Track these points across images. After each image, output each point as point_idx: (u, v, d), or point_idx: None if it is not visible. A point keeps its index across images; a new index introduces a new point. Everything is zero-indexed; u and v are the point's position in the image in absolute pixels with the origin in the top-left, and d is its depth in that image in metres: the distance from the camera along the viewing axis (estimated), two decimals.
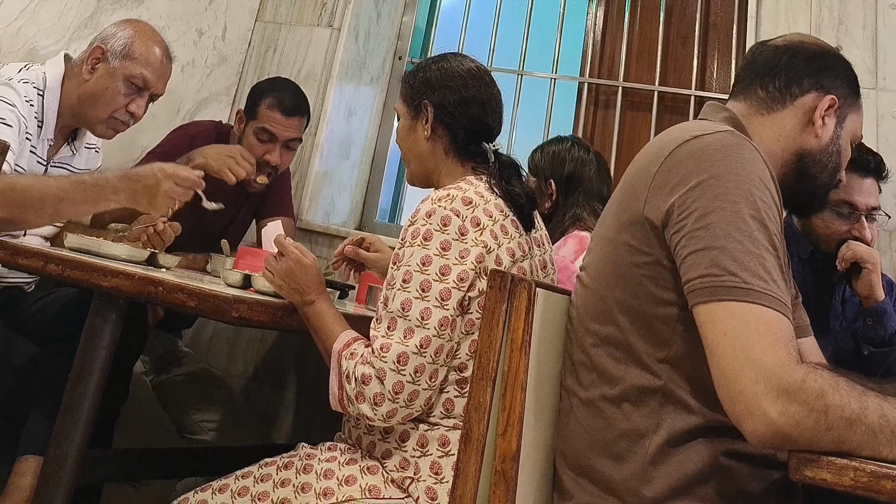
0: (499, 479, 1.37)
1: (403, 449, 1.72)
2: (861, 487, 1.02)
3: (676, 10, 3.61)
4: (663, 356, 1.36)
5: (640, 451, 1.34)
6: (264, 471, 1.76)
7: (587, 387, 1.44)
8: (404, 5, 3.97)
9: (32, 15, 2.75)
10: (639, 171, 1.43)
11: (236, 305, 1.71)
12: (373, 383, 1.63)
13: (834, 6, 3.07)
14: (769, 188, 1.31)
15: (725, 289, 1.21)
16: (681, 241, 1.29)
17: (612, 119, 3.52)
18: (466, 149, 1.93)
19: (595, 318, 1.45)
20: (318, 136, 3.53)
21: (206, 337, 3.47)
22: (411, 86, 1.99)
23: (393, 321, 1.67)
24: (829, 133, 1.56)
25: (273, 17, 3.81)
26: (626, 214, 1.41)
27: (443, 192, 1.79)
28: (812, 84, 1.56)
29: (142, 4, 3.14)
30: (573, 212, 2.53)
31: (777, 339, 1.16)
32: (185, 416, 2.82)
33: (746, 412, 1.13)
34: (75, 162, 2.43)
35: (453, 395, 1.73)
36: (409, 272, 1.69)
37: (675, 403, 1.35)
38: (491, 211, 1.77)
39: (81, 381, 1.79)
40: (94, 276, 1.79)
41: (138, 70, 2.31)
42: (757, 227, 1.25)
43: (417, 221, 1.74)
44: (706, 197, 1.28)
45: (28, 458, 1.93)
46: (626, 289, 1.39)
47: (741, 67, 1.68)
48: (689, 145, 1.37)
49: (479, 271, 1.70)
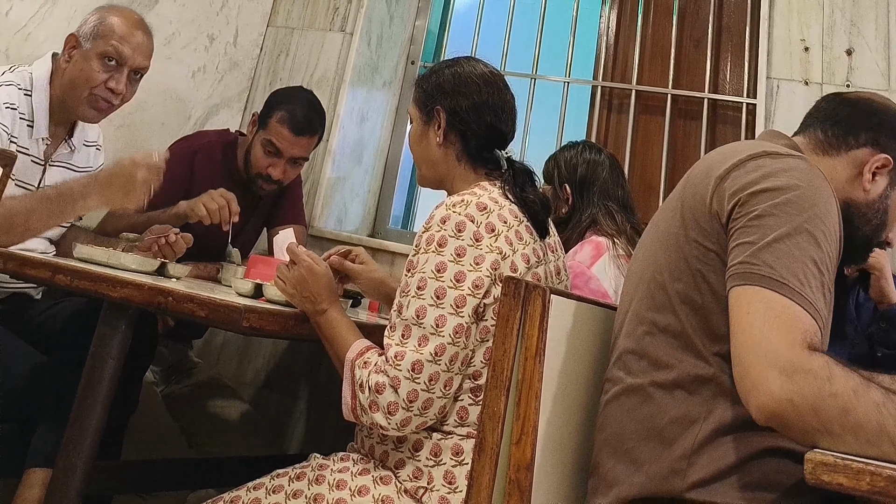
0: (513, 489, 1.37)
1: (417, 458, 1.70)
2: (878, 492, 1.03)
3: (689, 12, 3.60)
4: (718, 350, 1.40)
5: (690, 437, 1.39)
6: (276, 482, 1.75)
7: (636, 374, 1.48)
8: (417, 9, 3.96)
9: (42, 21, 2.75)
10: (704, 173, 1.48)
11: (247, 315, 1.70)
12: (387, 392, 1.61)
13: (846, 9, 3.07)
14: (832, 215, 1.36)
15: (760, 276, 1.27)
16: (734, 234, 1.35)
17: (626, 122, 3.51)
18: (479, 155, 1.92)
19: (653, 308, 1.48)
20: (330, 142, 3.52)
21: (217, 346, 3.45)
22: (424, 90, 1.97)
23: (407, 329, 1.66)
24: (878, 191, 1.58)
25: (285, 21, 3.80)
26: (690, 212, 1.47)
27: (457, 197, 1.77)
28: (868, 139, 1.59)
29: (152, 10, 3.13)
30: (589, 212, 2.52)
31: (795, 328, 1.21)
32: (196, 427, 2.81)
33: (751, 386, 1.20)
34: (75, 159, 2.42)
35: (468, 403, 1.71)
36: (424, 279, 1.68)
37: (725, 394, 1.38)
38: (505, 216, 1.76)
39: (90, 391, 1.77)
40: (104, 286, 1.78)
41: (110, 44, 2.29)
42: (808, 241, 1.30)
43: (432, 227, 1.72)
44: (768, 202, 1.34)
45: (36, 471, 1.92)
46: (690, 281, 1.44)
47: (810, 110, 1.72)
48: (760, 161, 1.42)
49: (494, 278, 1.68)
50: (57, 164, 2.35)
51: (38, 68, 2.32)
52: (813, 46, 3.07)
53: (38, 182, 2.28)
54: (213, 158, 2.87)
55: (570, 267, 2.28)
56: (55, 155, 2.34)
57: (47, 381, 2.06)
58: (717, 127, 3.38)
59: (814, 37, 3.09)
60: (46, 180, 2.30)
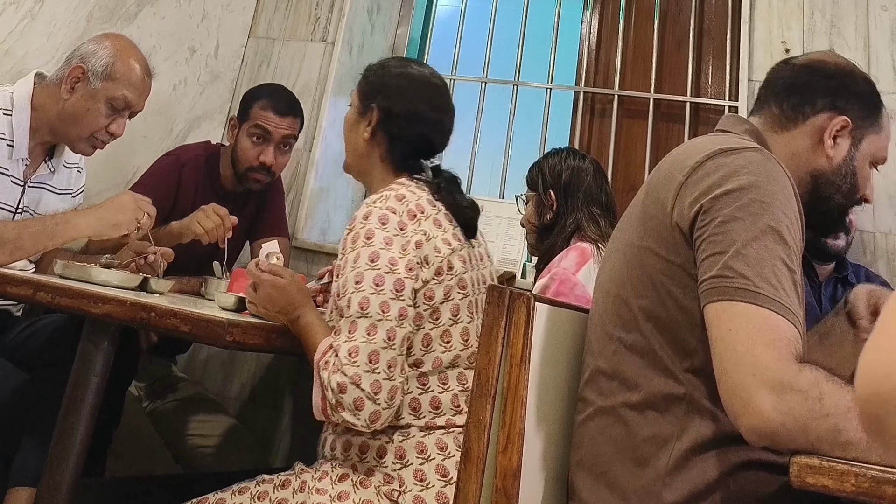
0: (500, 497, 1.36)
1: (383, 465, 1.73)
2: (863, 493, 1.03)
3: (670, 16, 3.61)
4: (688, 366, 1.37)
5: (663, 457, 1.35)
6: (261, 488, 1.75)
7: (608, 395, 1.45)
8: (398, 17, 3.97)
9: (21, 36, 2.73)
10: (664, 179, 1.44)
11: (230, 329, 1.69)
12: (350, 390, 1.61)
13: (826, 10, 3.08)
14: (793, 205, 1.34)
15: (734, 290, 1.24)
16: (702, 244, 1.32)
17: (609, 127, 3.51)
18: (403, 162, 1.95)
19: (620, 325, 1.46)
20: (313, 152, 3.52)
21: (201, 361, 3.44)
22: (368, 82, 2.01)
23: (353, 324, 1.67)
24: (842, 154, 1.56)
25: (266, 32, 3.80)
26: (651, 221, 1.43)
27: (376, 195, 1.82)
28: (825, 104, 1.57)
29: (132, 23, 3.12)
30: (574, 217, 2.54)
31: (778, 339, 1.19)
32: (181, 442, 2.79)
33: (742, 407, 1.17)
34: (54, 181, 2.40)
35: (417, 392, 1.75)
36: (360, 273, 1.70)
37: (699, 411, 1.36)
38: (423, 206, 1.81)
39: (74, 408, 1.76)
40: (85, 302, 1.77)
41: (120, 92, 2.28)
42: (775, 240, 1.28)
43: (356, 226, 1.76)
44: (731, 206, 1.31)
45: (20, 490, 1.90)
46: (653, 297, 1.40)
47: (762, 84, 1.69)
48: (718, 159, 1.38)
49: (420, 259, 1.73)
50: (36, 185, 2.33)
51: (18, 88, 2.29)
52: (794, 48, 3.07)
53: (17, 202, 2.26)
54: (199, 171, 2.87)
55: (555, 274, 2.29)
56: (34, 176, 2.32)
57: (29, 398, 2.04)
58: (700, 130, 3.38)
59: (794, 38, 3.10)
60: (25, 201, 2.28)
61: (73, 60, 2.29)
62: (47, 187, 2.37)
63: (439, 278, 1.76)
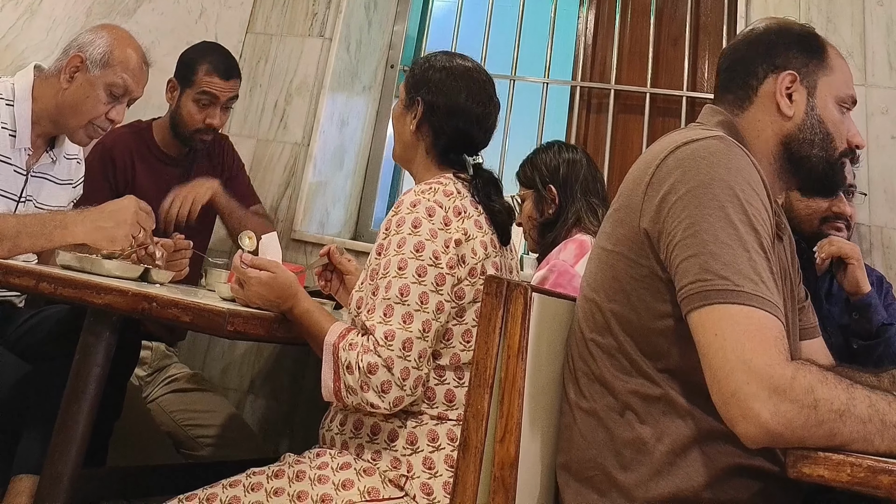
0: (498, 486, 1.37)
1: (394, 448, 1.74)
2: (858, 483, 1.03)
3: (667, 11, 3.62)
4: (662, 366, 1.37)
5: (647, 461, 1.35)
6: (254, 479, 1.74)
7: (590, 398, 1.45)
8: (395, 14, 3.97)
9: (21, 32, 2.75)
10: (634, 183, 1.44)
11: (231, 319, 1.70)
12: (380, 372, 1.64)
13: (822, 5, 3.10)
14: (757, 191, 1.33)
15: (716, 292, 1.22)
16: (673, 250, 1.31)
17: (605, 122, 3.53)
18: (445, 156, 1.97)
19: (595, 329, 1.46)
20: (311, 147, 3.53)
21: (202, 351, 3.45)
22: (414, 76, 2.03)
23: (389, 308, 1.69)
24: (802, 107, 1.55)
25: (264, 28, 3.80)
26: (623, 227, 1.43)
27: (425, 185, 1.85)
28: (766, 69, 1.57)
29: (131, 19, 3.13)
30: (574, 209, 2.56)
31: (767, 339, 1.17)
32: (182, 432, 2.81)
33: (739, 414, 1.15)
34: (56, 171, 2.41)
35: (433, 383, 1.78)
36: (405, 259, 1.72)
37: (677, 412, 1.36)
38: (466, 206, 1.84)
39: (76, 398, 1.78)
40: (87, 293, 1.78)
41: (118, 77, 2.29)
42: (745, 231, 1.27)
43: (402, 211, 1.78)
44: (695, 205, 1.30)
45: (22, 478, 1.91)
46: (625, 302, 1.41)
47: (715, 76, 1.69)
48: (678, 153, 1.38)
49: (458, 257, 1.77)
50: (38, 174, 2.34)
51: (19, 79, 2.31)
52: None
53: (20, 192, 2.27)
54: (129, 147, 2.88)
55: (553, 265, 2.30)
56: (37, 165, 2.34)
57: (32, 389, 2.05)
58: None
59: None
60: (28, 190, 2.30)
61: (71, 50, 2.31)
62: (49, 177, 2.38)
63: (472, 280, 1.79)
